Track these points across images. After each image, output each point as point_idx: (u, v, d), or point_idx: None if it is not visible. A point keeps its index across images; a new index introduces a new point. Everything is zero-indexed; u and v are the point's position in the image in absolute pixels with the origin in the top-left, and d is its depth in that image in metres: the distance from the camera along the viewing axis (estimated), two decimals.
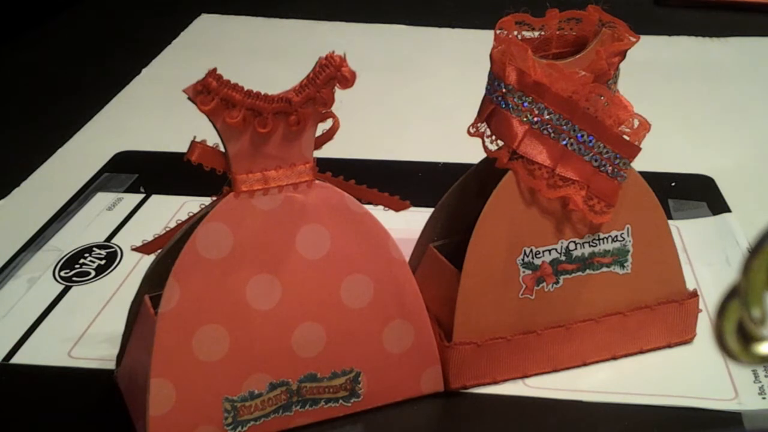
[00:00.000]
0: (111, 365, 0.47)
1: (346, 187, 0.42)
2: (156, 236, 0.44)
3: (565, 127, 0.43)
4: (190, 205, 0.63)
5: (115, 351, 0.46)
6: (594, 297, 0.47)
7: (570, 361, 0.47)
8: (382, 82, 0.87)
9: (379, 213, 0.43)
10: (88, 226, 0.62)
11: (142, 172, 0.69)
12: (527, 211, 0.44)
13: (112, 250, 0.59)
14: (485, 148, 0.45)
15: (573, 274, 0.46)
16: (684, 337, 0.49)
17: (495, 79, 0.43)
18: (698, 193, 0.65)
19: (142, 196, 0.66)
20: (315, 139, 0.41)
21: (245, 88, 0.38)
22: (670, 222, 0.48)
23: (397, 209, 0.46)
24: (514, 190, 0.44)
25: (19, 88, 0.90)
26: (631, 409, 0.45)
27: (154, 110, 0.82)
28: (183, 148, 0.40)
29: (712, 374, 0.47)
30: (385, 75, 0.89)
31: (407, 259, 0.45)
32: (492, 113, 0.44)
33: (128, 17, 1.11)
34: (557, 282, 0.46)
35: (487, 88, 0.45)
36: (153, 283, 0.43)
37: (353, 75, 0.39)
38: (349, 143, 0.51)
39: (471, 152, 0.47)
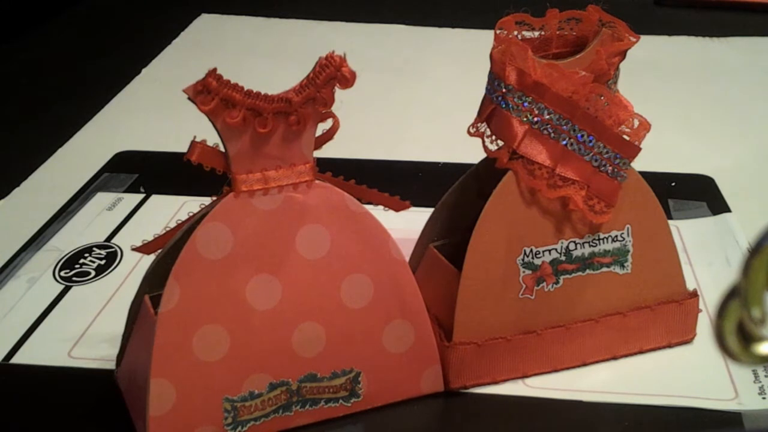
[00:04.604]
0: (111, 365, 0.47)
1: (346, 187, 0.42)
2: (156, 236, 0.44)
3: (565, 127, 0.43)
4: (190, 205, 0.63)
5: (115, 351, 0.46)
6: (594, 297, 0.47)
7: (570, 361, 0.47)
8: (382, 82, 0.87)
9: (379, 213, 0.43)
10: (88, 226, 0.62)
11: (142, 172, 0.69)
12: (527, 211, 0.44)
13: (112, 250, 0.59)
14: (485, 148, 0.45)
15: (573, 274, 0.46)
16: (684, 337, 0.49)
17: (495, 79, 0.43)
18: (698, 193, 0.65)
19: (142, 196, 0.66)
20: (315, 139, 0.41)
21: (245, 88, 0.38)
22: (670, 222, 0.48)
23: (397, 209, 0.46)
24: (514, 190, 0.44)
25: (19, 88, 0.90)
26: (631, 409, 0.45)
27: (154, 110, 0.82)
28: (183, 148, 0.40)
29: (712, 374, 0.47)
30: (385, 75, 0.89)
31: (407, 259, 0.45)
32: (492, 113, 0.44)
33: (128, 17, 1.11)
34: (557, 282, 0.46)
35: (487, 88, 0.45)
36: (153, 283, 0.43)
37: (353, 75, 0.39)
38: (349, 143, 0.51)
39: (471, 152, 0.47)
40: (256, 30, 1.03)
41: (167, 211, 0.63)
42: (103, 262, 0.58)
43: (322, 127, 0.41)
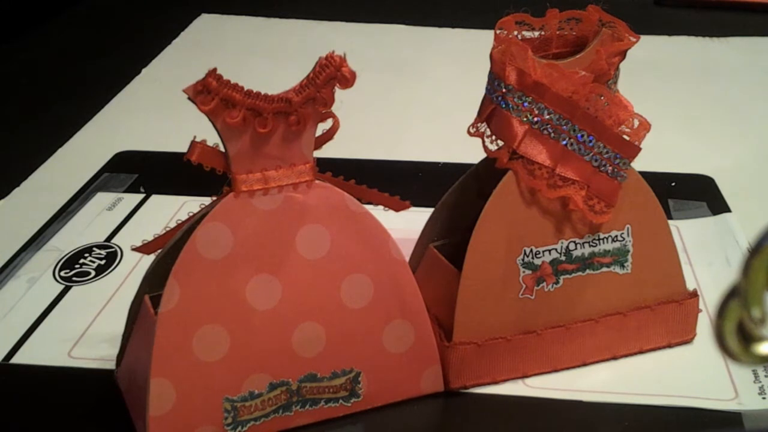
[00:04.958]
0: (111, 365, 0.47)
1: (346, 187, 0.42)
2: (156, 236, 0.44)
3: (565, 127, 0.43)
4: (190, 205, 0.63)
5: (115, 351, 0.46)
6: (594, 297, 0.47)
7: (570, 361, 0.47)
8: (382, 82, 0.87)
9: (379, 213, 0.43)
10: (88, 226, 0.62)
11: (142, 172, 0.69)
12: (527, 211, 0.44)
13: (112, 250, 0.59)
14: (485, 148, 0.45)
15: (573, 274, 0.46)
16: (684, 337, 0.49)
17: (495, 79, 0.43)
18: (698, 193, 0.65)
19: (142, 196, 0.66)
20: (315, 139, 0.41)
21: (245, 88, 0.38)
22: (670, 222, 0.48)
23: (397, 209, 0.46)
24: (514, 190, 0.44)
25: (19, 88, 0.90)
26: (631, 409, 0.45)
27: (154, 110, 0.82)
28: (183, 148, 0.40)
29: (712, 374, 0.47)
30: (385, 75, 0.89)
31: (407, 259, 0.45)
32: (492, 113, 0.44)
33: (128, 17, 1.11)
34: (557, 282, 0.46)
35: (487, 88, 0.45)
36: (153, 283, 0.43)
37: (353, 75, 0.39)
38: (349, 143, 0.51)
39: (471, 152, 0.47)
40: (256, 30, 1.03)
41: (167, 211, 0.63)
42: (103, 262, 0.58)
43: (322, 127, 0.41)
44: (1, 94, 0.88)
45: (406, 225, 0.48)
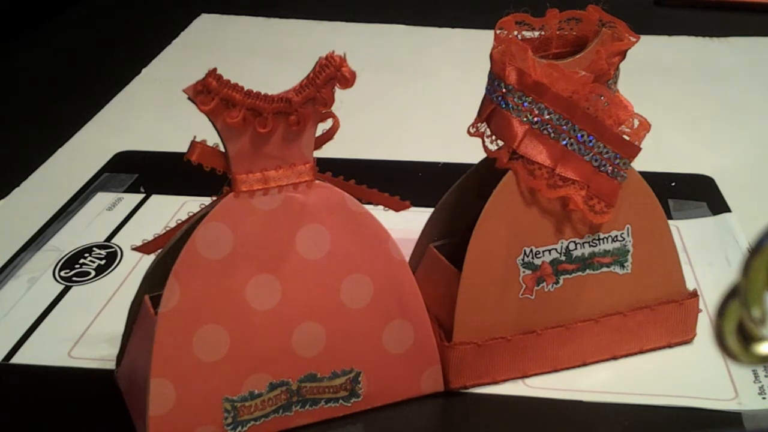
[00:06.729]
0: (111, 365, 0.47)
1: (346, 187, 0.42)
2: (156, 236, 0.44)
3: (565, 127, 0.43)
4: (190, 205, 0.63)
5: (115, 351, 0.46)
6: (594, 297, 0.47)
7: (570, 361, 0.47)
8: (382, 82, 0.87)
9: (379, 213, 0.43)
10: (88, 226, 0.62)
11: (142, 172, 0.69)
12: (527, 211, 0.44)
13: (112, 250, 0.59)
14: (485, 148, 0.45)
15: (573, 274, 0.46)
16: (684, 337, 0.49)
17: (495, 79, 0.43)
18: (698, 193, 0.65)
19: (142, 196, 0.66)
20: (315, 139, 0.41)
21: (245, 88, 0.38)
22: (670, 222, 0.48)
23: (397, 209, 0.46)
24: (514, 190, 0.44)
25: (19, 88, 0.90)
26: (631, 409, 0.45)
27: (154, 110, 0.82)
28: (183, 148, 0.40)
29: (712, 374, 0.47)
30: (385, 75, 0.89)
31: (407, 259, 0.45)
32: (492, 113, 0.44)
33: (128, 17, 1.11)
34: (557, 282, 0.46)
35: (487, 88, 0.45)
36: (153, 283, 0.43)
37: (353, 75, 0.39)
38: (349, 143, 0.51)
39: (471, 152, 0.47)
40: (256, 30, 1.03)
41: (167, 211, 0.63)
42: (103, 262, 0.58)
43: (322, 127, 0.41)
44: (1, 94, 0.88)
45: (406, 225, 0.48)
